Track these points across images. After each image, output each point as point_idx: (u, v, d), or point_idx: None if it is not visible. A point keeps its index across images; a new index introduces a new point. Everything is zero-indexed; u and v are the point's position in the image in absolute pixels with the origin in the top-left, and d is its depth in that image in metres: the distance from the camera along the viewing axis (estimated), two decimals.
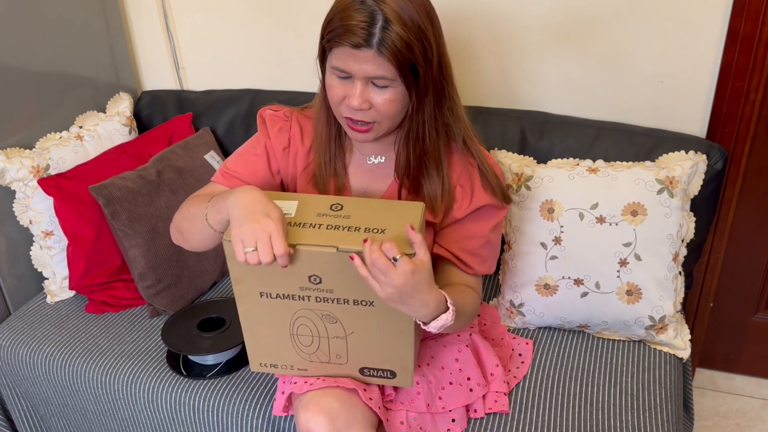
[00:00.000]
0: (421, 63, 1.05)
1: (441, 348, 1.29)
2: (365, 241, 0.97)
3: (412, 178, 1.19)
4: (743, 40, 1.48)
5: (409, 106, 1.11)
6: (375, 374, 1.17)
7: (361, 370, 1.17)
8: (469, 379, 1.27)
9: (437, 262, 1.24)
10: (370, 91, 1.07)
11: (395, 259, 0.96)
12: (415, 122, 1.13)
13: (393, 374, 1.16)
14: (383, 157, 1.22)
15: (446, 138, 1.19)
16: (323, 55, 1.11)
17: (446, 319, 1.03)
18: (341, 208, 1.07)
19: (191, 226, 1.17)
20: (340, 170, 1.23)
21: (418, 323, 1.07)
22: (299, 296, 1.08)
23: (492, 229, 1.25)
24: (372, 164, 1.24)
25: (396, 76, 1.05)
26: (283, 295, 1.08)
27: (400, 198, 1.22)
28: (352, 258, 0.98)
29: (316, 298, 1.07)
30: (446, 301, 1.04)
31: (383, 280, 0.96)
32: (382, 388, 1.23)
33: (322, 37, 1.09)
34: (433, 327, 1.04)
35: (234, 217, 1.02)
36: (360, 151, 1.25)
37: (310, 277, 1.05)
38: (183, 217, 1.20)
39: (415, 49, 1.03)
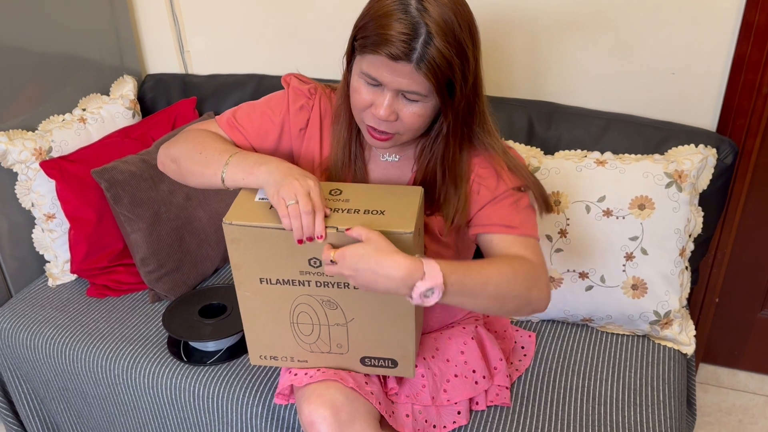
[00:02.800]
0: (459, 81, 1.00)
1: (446, 340, 1.28)
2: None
3: (429, 189, 1.14)
4: (757, 32, 1.45)
5: (439, 120, 1.08)
6: (376, 363, 1.16)
7: (362, 360, 1.16)
8: (474, 371, 1.26)
9: (484, 242, 1.15)
10: (398, 102, 1.03)
11: (333, 262, 0.97)
12: (441, 137, 1.09)
13: (394, 363, 1.16)
14: (397, 156, 1.20)
15: (470, 147, 1.14)
16: (351, 55, 1.06)
17: (423, 287, 0.93)
18: (340, 193, 1.07)
19: (194, 168, 1.13)
20: (360, 169, 1.19)
21: (419, 309, 1.05)
22: (299, 281, 1.07)
23: (517, 201, 1.15)
24: (386, 161, 1.21)
25: (430, 93, 1.01)
26: (283, 280, 1.08)
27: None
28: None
29: (316, 282, 1.07)
30: (422, 267, 0.94)
31: (345, 276, 0.97)
32: (384, 382, 1.22)
33: (355, 38, 1.03)
34: (415, 296, 0.94)
35: (271, 183, 1.02)
36: (374, 149, 1.22)
37: (310, 260, 1.04)
38: (188, 155, 1.14)
39: (455, 66, 0.98)
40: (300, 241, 1.00)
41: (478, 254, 1.25)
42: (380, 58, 0.98)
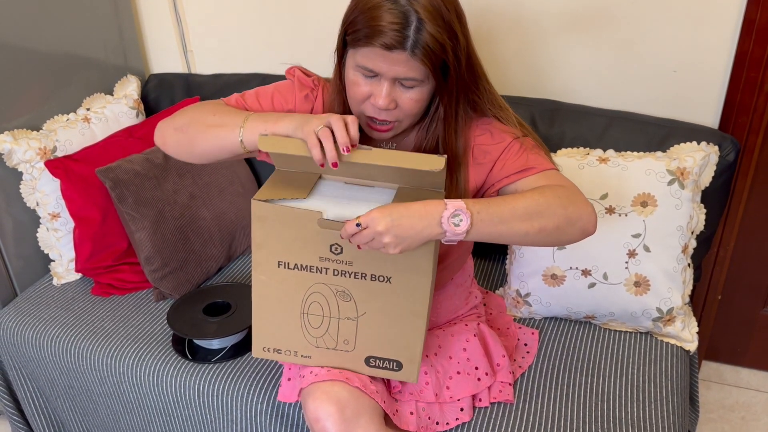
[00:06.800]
0: (452, 62, 1.03)
1: (449, 338, 1.28)
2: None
3: None
4: (759, 30, 1.45)
5: (435, 102, 1.09)
6: (381, 365, 1.16)
7: (367, 360, 1.16)
8: (476, 368, 1.26)
9: (506, 193, 1.14)
10: (396, 90, 1.05)
11: (359, 225, 0.96)
12: (439, 119, 1.11)
13: (399, 366, 1.16)
14: (393, 144, 1.21)
15: (470, 124, 1.16)
16: (342, 50, 1.08)
17: (448, 213, 0.95)
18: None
19: (206, 130, 1.11)
20: None
21: (429, 309, 1.05)
22: (317, 268, 1.08)
23: (522, 144, 1.16)
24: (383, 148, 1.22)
25: (426, 77, 1.03)
26: (301, 266, 1.08)
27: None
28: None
29: (333, 270, 1.07)
30: (443, 201, 0.97)
31: (376, 239, 0.96)
32: (388, 381, 1.23)
33: (346, 33, 1.05)
34: (447, 227, 0.95)
35: (295, 126, 1.02)
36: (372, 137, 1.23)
37: (331, 246, 1.05)
38: (199, 119, 1.14)
39: (447, 48, 1.01)
40: (335, 164, 0.98)
41: (487, 248, 1.24)
42: (375, 50, 1.00)
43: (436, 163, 0.99)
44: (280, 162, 1.09)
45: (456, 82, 1.06)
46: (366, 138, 1.17)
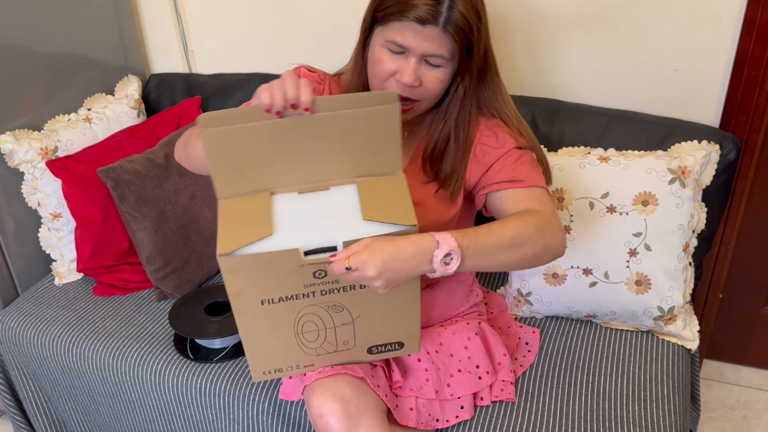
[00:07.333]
0: (476, 43, 1.06)
1: (450, 336, 1.28)
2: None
3: (437, 155, 1.19)
4: (759, 29, 1.45)
5: (455, 83, 1.12)
6: (383, 350, 1.16)
7: (369, 350, 1.16)
8: (477, 366, 1.26)
9: (494, 201, 1.18)
10: (422, 68, 1.07)
11: (348, 269, 0.94)
12: (458, 99, 1.14)
13: (401, 345, 1.16)
14: (405, 133, 1.22)
15: (478, 115, 1.19)
16: (370, 28, 1.10)
17: (441, 253, 0.96)
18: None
19: (195, 146, 1.11)
20: None
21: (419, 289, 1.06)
22: (303, 294, 1.03)
23: (520, 157, 1.18)
24: None
25: (453, 56, 1.06)
26: (287, 297, 1.03)
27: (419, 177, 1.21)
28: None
29: (321, 291, 1.04)
30: (433, 237, 0.97)
31: (370, 279, 0.94)
32: (389, 375, 1.23)
33: (377, 9, 1.07)
34: (437, 266, 0.96)
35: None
36: None
37: (315, 272, 1.01)
38: (192, 134, 1.15)
39: (474, 29, 1.05)
40: (278, 114, 0.95)
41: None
42: (407, 24, 1.03)
43: (389, 97, 0.97)
44: (214, 154, 0.98)
45: (475, 67, 1.10)
46: None
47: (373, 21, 1.09)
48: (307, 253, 0.98)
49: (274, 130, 0.98)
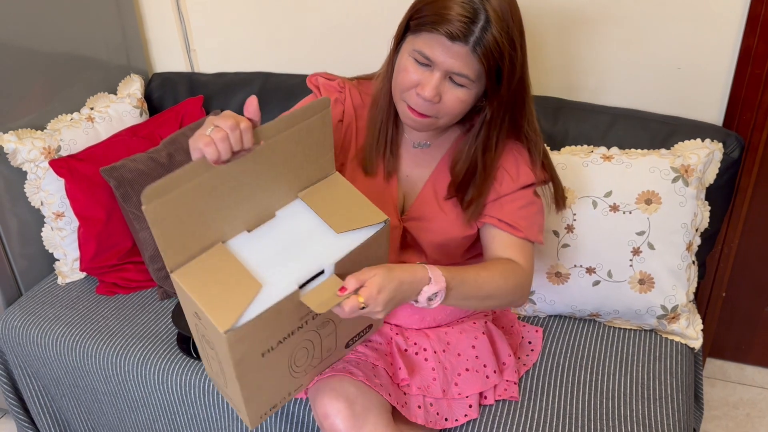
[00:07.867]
0: (507, 70, 1.04)
1: (457, 335, 1.28)
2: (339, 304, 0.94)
3: (465, 182, 1.18)
4: (763, 26, 1.45)
5: (484, 108, 1.11)
6: (357, 339, 1.17)
7: (347, 344, 1.16)
8: (485, 366, 1.27)
9: (486, 231, 1.21)
10: (444, 85, 1.06)
11: (363, 308, 0.94)
12: (485, 125, 1.12)
13: (370, 327, 1.18)
14: (428, 143, 1.22)
15: (508, 140, 1.19)
16: (403, 34, 1.09)
17: (430, 291, 1.00)
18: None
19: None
20: (390, 154, 1.21)
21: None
22: (298, 327, 1.00)
23: (530, 203, 1.20)
24: (417, 148, 1.23)
25: (478, 79, 1.04)
26: (284, 338, 0.98)
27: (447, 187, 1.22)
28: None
29: (312, 316, 1.01)
30: (427, 272, 1.01)
31: (376, 313, 0.97)
32: (394, 373, 1.23)
33: (411, 17, 1.06)
34: (422, 300, 1.01)
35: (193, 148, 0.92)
36: (407, 134, 1.23)
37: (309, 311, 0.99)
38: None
39: (506, 55, 1.02)
40: (219, 161, 0.88)
41: None
42: (437, 37, 1.01)
43: (322, 105, 0.96)
44: (160, 228, 0.88)
45: (507, 92, 1.07)
46: (400, 132, 1.21)
47: (406, 28, 1.07)
48: (301, 287, 0.94)
49: (216, 182, 0.90)
